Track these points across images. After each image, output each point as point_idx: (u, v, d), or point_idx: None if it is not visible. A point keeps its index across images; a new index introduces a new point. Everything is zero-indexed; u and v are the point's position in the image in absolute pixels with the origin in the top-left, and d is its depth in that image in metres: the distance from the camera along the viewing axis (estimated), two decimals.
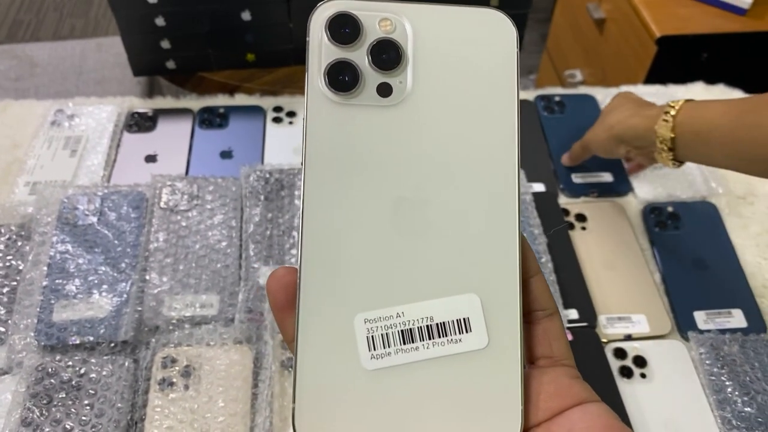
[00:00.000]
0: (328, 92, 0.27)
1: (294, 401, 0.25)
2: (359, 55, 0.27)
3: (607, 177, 0.76)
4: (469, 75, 0.28)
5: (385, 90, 0.27)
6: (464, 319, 0.27)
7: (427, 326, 0.27)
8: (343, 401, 0.26)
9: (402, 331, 0.26)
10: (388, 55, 0.27)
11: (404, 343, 0.26)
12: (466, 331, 0.27)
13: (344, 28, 0.27)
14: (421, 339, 0.26)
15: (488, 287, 0.27)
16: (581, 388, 0.27)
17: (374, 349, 0.26)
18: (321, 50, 0.27)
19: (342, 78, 0.27)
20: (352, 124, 0.27)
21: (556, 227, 0.68)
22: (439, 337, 0.26)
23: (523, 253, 0.27)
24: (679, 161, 0.61)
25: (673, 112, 0.58)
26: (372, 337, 0.26)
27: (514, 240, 0.27)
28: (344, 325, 0.26)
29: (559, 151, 0.77)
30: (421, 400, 0.26)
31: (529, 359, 0.29)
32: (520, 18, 0.84)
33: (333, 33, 0.27)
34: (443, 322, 0.27)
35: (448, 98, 0.28)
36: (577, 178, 0.75)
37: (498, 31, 0.28)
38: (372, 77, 0.27)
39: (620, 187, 0.75)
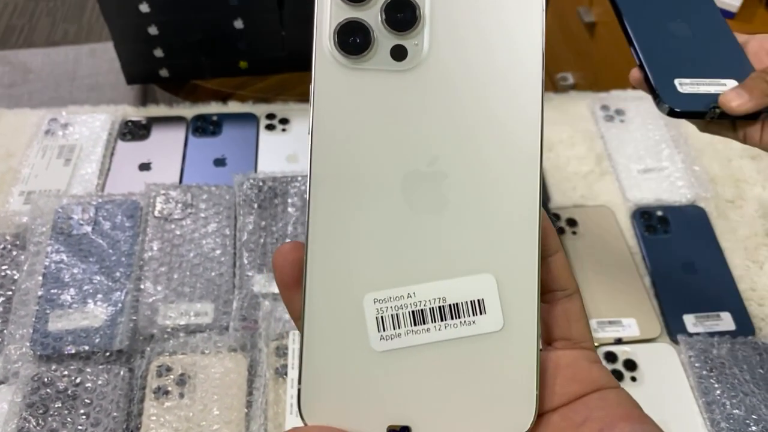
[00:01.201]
0: (337, 55, 0.25)
1: (300, 383, 0.25)
2: (372, 15, 0.25)
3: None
4: (490, 37, 0.26)
5: (399, 53, 0.25)
6: (479, 300, 0.25)
7: (440, 307, 0.25)
8: (351, 383, 0.25)
9: (413, 311, 0.25)
10: (403, 14, 0.25)
11: (415, 325, 0.25)
12: (481, 313, 0.25)
13: None
14: (433, 320, 0.25)
15: (505, 266, 0.25)
16: (600, 373, 0.26)
17: (383, 330, 0.25)
18: (330, 9, 0.25)
19: (353, 40, 0.25)
20: (363, 90, 0.25)
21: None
22: (452, 318, 0.25)
23: (543, 230, 0.26)
24: None
25: None
26: (381, 317, 0.25)
27: (534, 216, 0.25)
28: (353, 305, 0.25)
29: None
30: (432, 383, 0.25)
31: (547, 341, 0.28)
32: None
33: None
34: (456, 303, 0.25)
35: (468, 62, 0.25)
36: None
37: None
38: (385, 39, 0.25)
39: None
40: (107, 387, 0.55)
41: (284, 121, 0.81)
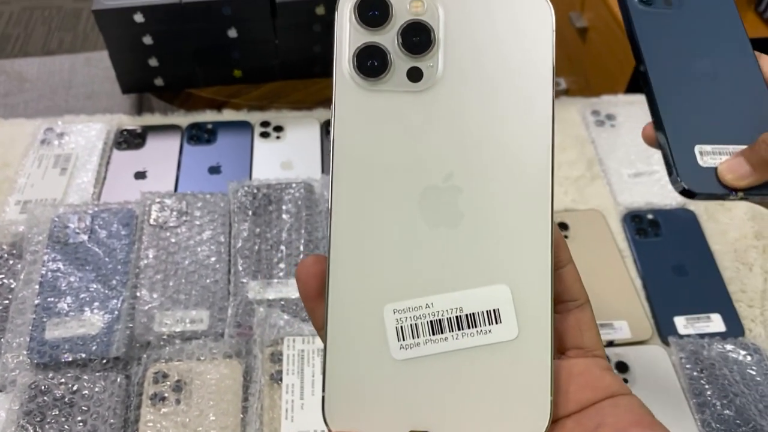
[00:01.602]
0: (356, 77, 0.26)
1: (324, 390, 0.26)
2: (389, 39, 0.27)
3: None
4: (502, 59, 0.27)
5: (415, 75, 0.26)
6: (494, 310, 0.26)
7: (457, 317, 0.26)
8: (372, 390, 0.26)
9: (431, 321, 0.26)
10: (419, 38, 0.26)
11: (433, 334, 0.26)
12: (496, 322, 0.26)
13: (373, 10, 0.26)
14: (451, 330, 0.26)
15: (519, 277, 0.26)
16: (612, 380, 0.27)
17: (403, 339, 0.26)
18: (349, 34, 0.26)
19: (371, 63, 0.26)
20: (381, 110, 0.26)
21: None
22: (469, 328, 0.26)
23: (555, 242, 0.27)
24: None
25: None
26: (401, 327, 0.26)
27: (546, 229, 0.26)
28: (373, 315, 0.26)
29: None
30: (450, 390, 0.26)
31: (560, 350, 0.29)
32: None
33: (361, 15, 0.26)
34: (473, 313, 0.26)
35: (481, 83, 0.27)
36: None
37: (534, 12, 0.27)
38: (402, 61, 0.26)
39: None
40: (104, 394, 0.55)
41: (278, 128, 0.82)
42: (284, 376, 0.57)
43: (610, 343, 0.64)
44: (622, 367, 0.62)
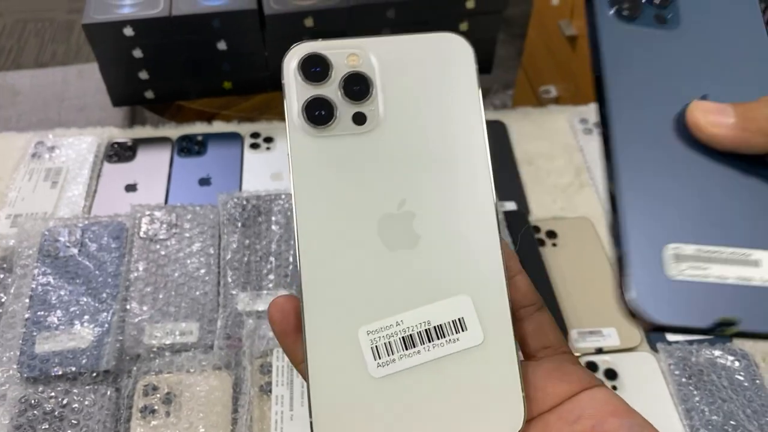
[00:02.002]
0: (307, 127, 0.29)
1: (311, 415, 0.27)
2: (332, 90, 0.29)
3: None
4: (434, 95, 0.30)
5: (359, 118, 0.29)
6: (459, 319, 0.29)
7: (426, 330, 0.28)
8: (357, 409, 0.28)
9: (403, 337, 0.28)
10: (358, 86, 0.30)
11: (406, 349, 0.28)
12: (462, 330, 0.28)
13: (315, 67, 0.29)
14: (422, 343, 0.28)
15: (478, 287, 0.29)
16: (584, 373, 0.29)
17: (379, 358, 0.28)
18: (296, 89, 0.29)
19: (318, 113, 0.29)
20: (333, 153, 0.29)
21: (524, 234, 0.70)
22: (438, 338, 0.28)
23: (505, 254, 0.29)
24: None
25: None
26: (376, 346, 0.28)
27: (496, 243, 0.29)
28: (349, 339, 0.28)
29: None
30: (428, 399, 0.28)
31: (530, 353, 0.31)
32: (489, 42, 0.86)
33: (305, 72, 0.29)
34: (440, 325, 0.28)
35: (419, 119, 0.30)
36: None
37: (455, 52, 0.30)
38: (346, 108, 0.29)
39: None
40: (94, 407, 0.55)
41: (269, 139, 0.82)
42: (274, 387, 0.57)
43: (599, 351, 0.64)
44: (611, 374, 0.62)
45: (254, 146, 0.82)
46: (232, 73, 0.86)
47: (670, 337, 0.65)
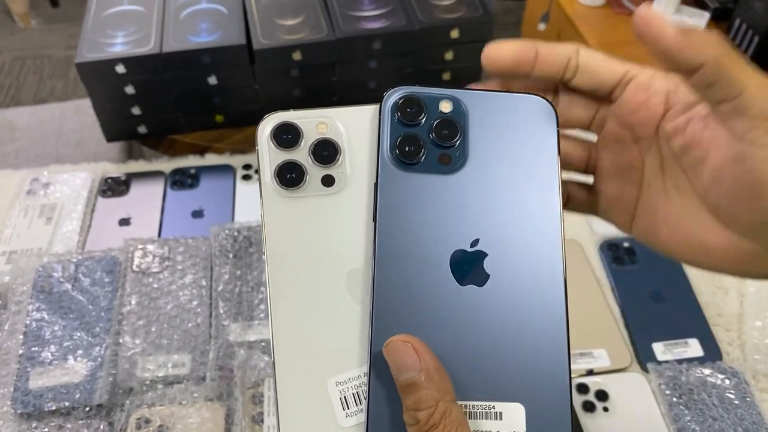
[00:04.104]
0: (279, 189, 0.31)
1: None
2: (302, 155, 0.31)
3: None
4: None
5: (328, 180, 0.31)
6: None
7: None
8: None
9: None
10: (327, 151, 0.32)
11: None
12: None
13: (287, 135, 0.31)
14: None
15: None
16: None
17: (347, 408, 0.29)
18: (269, 155, 0.31)
19: (290, 176, 0.31)
20: (302, 214, 0.31)
21: None
22: None
23: None
24: None
25: None
26: (344, 397, 0.29)
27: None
28: (319, 390, 0.29)
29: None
30: None
31: None
32: (474, 70, 0.88)
33: (277, 140, 0.31)
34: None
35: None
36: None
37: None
38: (316, 171, 0.31)
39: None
40: None
41: None
42: (265, 417, 0.57)
43: (590, 372, 0.65)
44: (602, 395, 0.63)
45: (246, 177, 0.83)
46: (224, 107, 0.88)
47: (660, 356, 0.66)
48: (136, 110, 0.85)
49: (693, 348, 0.67)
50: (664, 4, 1.17)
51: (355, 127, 0.32)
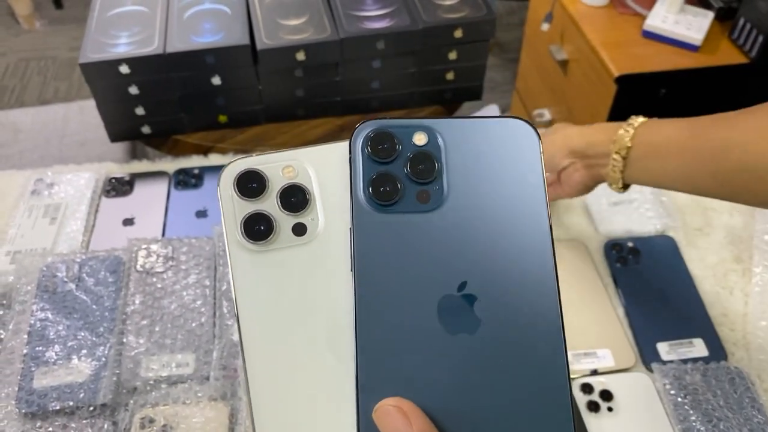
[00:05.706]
0: (246, 243, 0.28)
1: None
2: (270, 204, 0.29)
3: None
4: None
5: (300, 229, 0.29)
6: None
7: None
8: None
9: None
10: (296, 198, 0.29)
11: None
12: None
13: (251, 183, 0.29)
14: None
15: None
16: None
17: None
18: (234, 206, 0.29)
19: (258, 228, 0.28)
20: (274, 269, 0.28)
21: None
22: None
23: None
24: (625, 184, 0.61)
25: (635, 124, 0.58)
26: None
27: None
28: None
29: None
30: None
31: None
32: (478, 69, 0.88)
33: (242, 189, 0.29)
34: None
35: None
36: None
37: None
38: (285, 221, 0.29)
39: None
40: None
41: None
42: None
43: (594, 372, 0.65)
44: (606, 395, 0.62)
45: None
46: (227, 107, 0.88)
47: (665, 356, 0.66)
48: (139, 110, 0.85)
49: (698, 348, 0.66)
50: (667, 4, 1.17)
51: (325, 168, 0.29)
